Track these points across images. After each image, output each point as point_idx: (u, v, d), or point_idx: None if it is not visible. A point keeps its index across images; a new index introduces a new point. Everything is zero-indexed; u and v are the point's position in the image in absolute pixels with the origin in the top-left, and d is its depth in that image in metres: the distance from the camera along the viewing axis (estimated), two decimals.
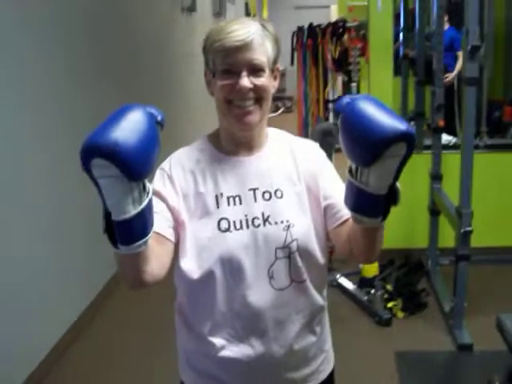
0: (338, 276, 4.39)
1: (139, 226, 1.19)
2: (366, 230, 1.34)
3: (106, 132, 1.10)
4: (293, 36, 5.72)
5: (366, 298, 4.07)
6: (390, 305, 3.95)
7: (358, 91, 5.24)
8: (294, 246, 1.47)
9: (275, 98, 14.18)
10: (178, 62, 7.01)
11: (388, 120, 1.17)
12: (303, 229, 1.49)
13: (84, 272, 4.03)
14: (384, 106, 1.22)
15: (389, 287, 4.10)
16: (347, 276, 4.41)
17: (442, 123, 4.17)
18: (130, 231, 1.19)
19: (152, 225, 1.23)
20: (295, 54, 5.75)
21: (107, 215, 1.17)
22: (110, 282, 4.33)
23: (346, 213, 1.46)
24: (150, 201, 1.20)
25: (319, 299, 1.58)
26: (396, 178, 1.22)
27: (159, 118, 1.20)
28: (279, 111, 12.79)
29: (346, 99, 1.26)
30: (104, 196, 1.15)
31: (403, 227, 4.65)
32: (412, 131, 1.17)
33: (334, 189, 1.53)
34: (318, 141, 1.68)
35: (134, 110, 1.16)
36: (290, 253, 1.47)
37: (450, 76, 6.25)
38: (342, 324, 3.79)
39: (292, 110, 12.52)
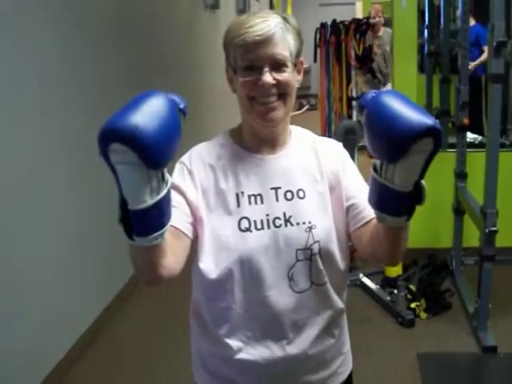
0: (360, 276, 4.35)
1: (156, 216, 1.16)
2: (390, 229, 1.30)
3: (125, 116, 1.06)
4: (316, 33, 5.68)
5: (388, 298, 4.02)
6: (413, 305, 3.90)
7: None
8: (315, 248, 1.43)
9: (299, 96, 14.18)
10: (202, 60, 7.00)
11: (414, 115, 1.13)
12: (325, 230, 1.45)
13: (102, 273, 4.04)
14: (410, 101, 1.18)
15: (412, 287, 4.04)
16: (370, 276, 4.37)
17: (466, 121, 4.10)
18: (146, 222, 1.15)
19: (169, 217, 1.20)
20: (318, 51, 5.70)
21: (123, 204, 1.14)
22: (128, 284, 4.32)
23: (368, 213, 1.42)
24: (169, 191, 1.17)
25: (339, 302, 1.55)
26: (422, 174, 1.19)
27: (182, 105, 1.17)
28: (303, 109, 12.74)
29: (371, 94, 1.23)
30: (121, 184, 1.11)
31: (427, 226, 4.59)
32: (439, 126, 1.13)
33: (358, 189, 1.50)
34: (341, 139, 1.65)
35: (156, 95, 1.12)
36: (311, 255, 1.44)
37: (471, 65, 6.10)
38: (365, 324, 3.76)
39: (316, 107, 12.42)
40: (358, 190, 1.49)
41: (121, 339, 3.85)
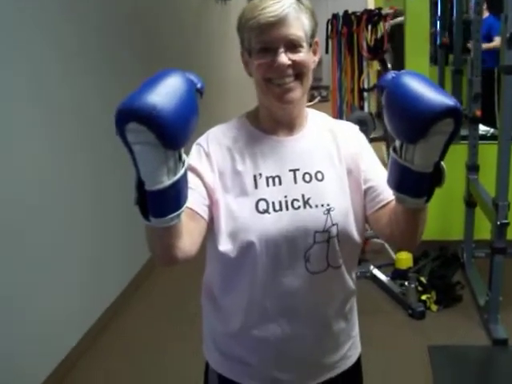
0: (371, 267, 4.34)
1: (173, 197, 1.16)
2: (409, 211, 1.30)
3: (143, 96, 1.05)
4: (327, 24, 5.65)
5: (399, 290, 4.02)
6: (423, 297, 3.89)
7: None
8: (333, 230, 1.43)
9: (311, 88, 14.05)
10: (214, 52, 7.00)
11: (435, 95, 1.13)
12: (343, 213, 1.45)
13: (120, 259, 4.07)
14: (430, 81, 1.18)
15: (423, 279, 4.03)
16: (380, 268, 4.36)
17: (479, 113, 4.07)
18: (163, 203, 1.15)
19: (186, 198, 1.20)
20: (330, 42, 5.68)
21: (140, 185, 1.13)
22: (143, 269, 4.35)
23: (386, 196, 1.43)
24: (186, 172, 1.17)
25: (351, 283, 1.56)
26: (442, 155, 1.19)
27: (199, 85, 1.16)
28: (315, 100, 12.69)
29: (391, 74, 1.23)
30: (138, 164, 1.11)
31: (438, 219, 4.57)
32: (460, 107, 1.13)
33: (375, 172, 1.50)
34: None
35: (174, 74, 1.11)
36: (329, 237, 1.43)
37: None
38: (375, 316, 3.76)
39: (328, 99, 12.33)
40: (376, 173, 1.49)
41: (133, 325, 3.89)
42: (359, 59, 5.29)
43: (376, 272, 4.31)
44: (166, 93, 1.07)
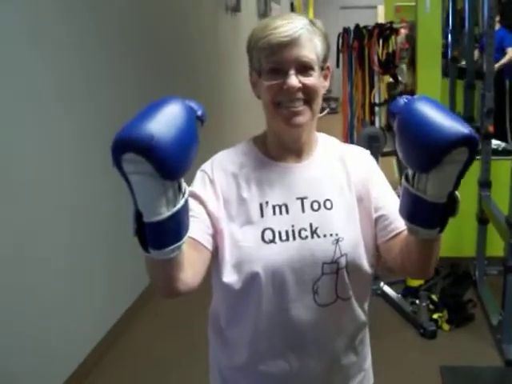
0: (381, 284, 4.28)
1: (173, 229, 1.11)
2: (422, 242, 1.25)
3: (140, 125, 1.01)
4: (338, 37, 5.62)
5: (410, 308, 3.96)
6: (435, 316, 3.82)
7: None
8: (342, 261, 1.38)
9: None
10: (223, 63, 6.98)
11: (449, 122, 1.08)
12: (353, 243, 1.40)
13: (130, 273, 4.03)
14: (443, 108, 1.13)
15: (434, 297, 3.96)
16: (391, 285, 4.29)
17: (491, 129, 4.02)
18: (162, 234, 1.10)
19: (187, 229, 1.15)
20: (341, 56, 5.64)
21: (138, 216, 1.09)
22: (144, 293, 4.31)
23: (398, 225, 1.37)
24: (186, 202, 1.12)
25: (362, 315, 1.50)
26: (456, 185, 1.14)
27: (199, 112, 1.11)
28: (324, 112, 12.67)
29: (403, 100, 1.18)
30: (135, 195, 1.07)
31: (450, 235, 4.49)
32: (475, 135, 1.08)
33: (387, 199, 1.45)
34: (364, 146, 1.59)
35: (172, 102, 1.07)
36: (337, 268, 1.38)
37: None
38: (386, 335, 3.70)
39: (337, 111, 12.37)
40: (387, 201, 1.44)
41: (139, 344, 3.84)
42: (370, 73, 5.24)
43: (387, 289, 4.25)
44: (164, 122, 1.03)
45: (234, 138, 1.53)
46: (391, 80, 5.44)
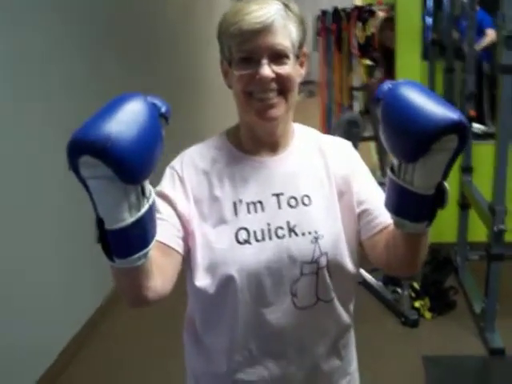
0: (362, 271, 4.20)
1: (138, 235, 1.01)
2: (409, 236, 1.16)
3: (96, 125, 0.92)
4: (316, 20, 5.51)
5: (391, 296, 3.91)
6: (417, 304, 3.77)
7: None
8: (322, 260, 1.29)
9: None
10: (197, 48, 6.82)
11: (437, 108, 0.99)
12: (333, 241, 1.31)
13: (97, 271, 3.92)
14: (430, 92, 1.04)
15: (416, 285, 3.90)
16: (372, 272, 4.21)
17: (473, 113, 3.97)
18: (126, 242, 1.01)
19: (154, 235, 1.06)
20: (318, 39, 5.55)
21: (100, 223, 0.99)
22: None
23: (383, 220, 1.29)
24: (152, 207, 1.02)
25: (346, 318, 1.41)
26: (445, 175, 1.05)
27: (163, 109, 1.01)
28: (301, 95, 12.55)
29: (388, 85, 1.08)
30: (95, 200, 0.97)
31: None
32: (465, 121, 0.99)
33: (370, 193, 1.36)
34: (343, 132, 1.49)
35: (133, 99, 0.97)
36: (317, 268, 1.29)
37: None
38: (366, 323, 3.58)
39: (315, 94, 12.28)
40: (371, 195, 1.35)
41: (109, 347, 3.69)
42: (349, 57, 5.16)
43: (367, 276, 4.18)
44: (123, 120, 0.93)
45: (209, 131, 1.43)
46: (370, 63, 5.36)
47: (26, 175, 3.03)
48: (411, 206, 1.09)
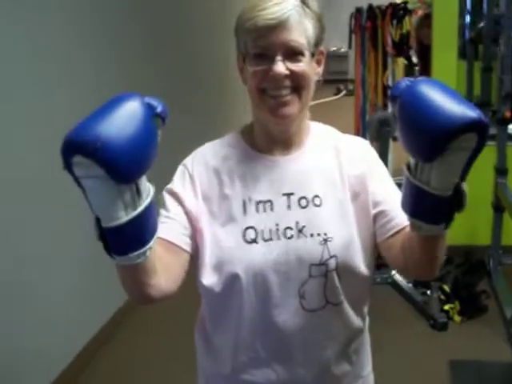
0: (392, 273, 4.16)
1: (134, 234, 1.02)
2: (426, 239, 1.12)
3: (89, 125, 0.92)
4: (351, 18, 5.45)
5: (421, 298, 3.84)
6: (446, 307, 3.71)
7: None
8: (331, 263, 1.27)
9: (336, 81, 14.01)
10: (213, 39, 6.72)
11: (455, 106, 0.95)
12: (343, 244, 1.28)
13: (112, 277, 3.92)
14: (450, 90, 1.00)
15: (446, 288, 3.84)
16: None
17: (509, 114, 3.86)
18: (123, 240, 1.02)
19: (153, 233, 1.06)
20: (353, 37, 5.49)
21: (99, 220, 1.00)
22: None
23: (400, 222, 1.25)
24: (150, 205, 1.02)
25: (357, 321, 1.38)
26: (463, 176, 1.01)
27: (159, 109, 1.01)
28: (341, 94, 12.51)
29: (405, 82, 1.04)
30: (89, 199, 0.98)
31: (464, 222, 4.33)
32: (484, 120, 0.95)
33: (387, 194, 1.32)
34: (374, 131, 1.46)
35: (127, 100, 0.97)
36: (326, 271, 1.27)
37: None
38: (394, 325, 3.59)
39: (354, 93, 12.20)
40: (388, 196, 1.32)
41: (125, 351, 3.68)
42: (383, 55, 5.09)
43: (397, 278, 4.13)
44: (115, 121, 0.93)
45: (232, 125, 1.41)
46: (406, 62, 5.29)
47: (45, 176, 3.00)
48: (427, 207, 1.05)
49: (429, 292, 3.78)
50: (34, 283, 2.95)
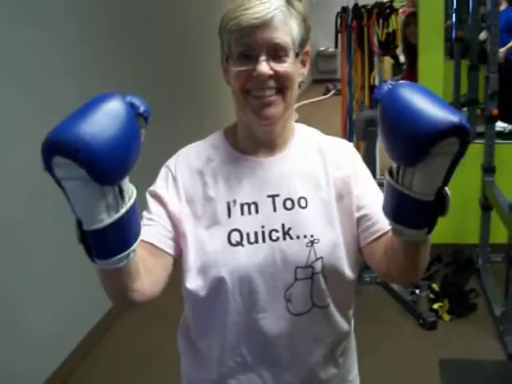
0: None
1: (117, 237, 1.00)
2: (408, 244, 1.11)
3: (69, 125, 0.90)
4: (337, 17, 5.44)
5: (410, 297, 3.84)
6: (435, 306, 3.71)
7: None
8: (317, 265, 1.26)
9: (325, 80, 14.02)
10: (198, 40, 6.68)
11: (437, 110, 0.94)
12: (329, 245, 1.27)
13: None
14: (432, 94, 0.98)
15: (435, 287, 3.84)
16: None
17: (495, 112, 3.86)
18: (106, 243, 0.99)
19: (136, 236, 1.04)
20: (339, 37, 5.47)
21: (80, 223, 0.98)
22: None
23: (382, 226, 1.25)
24: (133, 207, 1.00)
25: (343, 324, 1.37)
26: (446, 180, 1.00)
27: (141, 109, 0.98)
28: (330, 93, 12.49)
29: (387, 85, 1.03)
30: (71, 201, 0.96)
31: (452, 221, 4.32)
32: (466, 124, 0.94)
33: (370, 197, 1.31)
34: (360, 130, 1.45)
35: (109, 99, 0.95)
36: (312, 273, 1.26)
37: (501, 50, 5.79)
38: (383, 325, 3.59)
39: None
40: (371, 199, 1.31)
41: (122, 346, 3.71)
42: (370, 55, 5.08)
43: None
44: (96, 120, 0.91)
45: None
46: (394, 61, 5.30)
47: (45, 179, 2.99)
48: (409, 212, 1.04)
49: (418, 291, 3.76)
50: (29, 283, 2.97)
